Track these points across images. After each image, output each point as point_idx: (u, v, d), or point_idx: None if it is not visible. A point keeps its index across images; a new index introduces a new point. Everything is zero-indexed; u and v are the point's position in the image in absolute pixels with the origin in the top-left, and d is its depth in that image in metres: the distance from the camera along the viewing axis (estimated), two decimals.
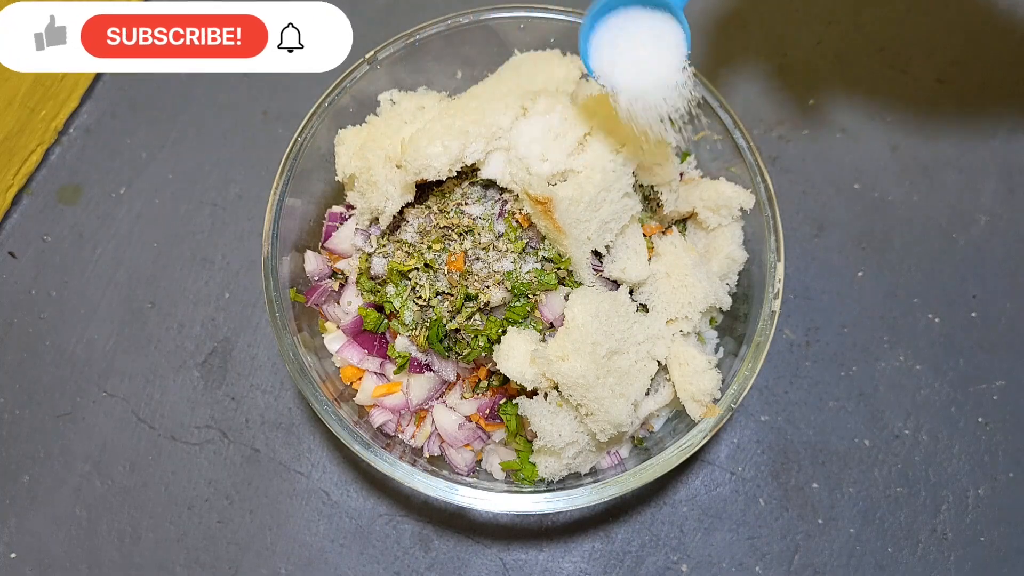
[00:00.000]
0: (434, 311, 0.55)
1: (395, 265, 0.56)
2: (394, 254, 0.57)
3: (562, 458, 0.55)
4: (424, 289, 0.56)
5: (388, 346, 0.57)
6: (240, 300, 0.74)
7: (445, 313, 0.55)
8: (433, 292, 0.55)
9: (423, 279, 0.56)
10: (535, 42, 0.66)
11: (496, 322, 0.54)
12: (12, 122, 0.73)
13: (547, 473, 0.55)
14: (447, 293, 0.55)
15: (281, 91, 0.81)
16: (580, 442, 0.54)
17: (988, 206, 0.76)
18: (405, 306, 0.56)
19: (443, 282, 0.55)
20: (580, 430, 0.54)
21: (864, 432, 0.69)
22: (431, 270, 0.56)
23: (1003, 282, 0.73)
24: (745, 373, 0.55)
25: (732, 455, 0.68)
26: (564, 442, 0.53)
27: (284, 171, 0.60)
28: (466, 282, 0.54)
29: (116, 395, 0.71)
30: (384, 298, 0.57)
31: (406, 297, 0.56)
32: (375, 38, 0.65)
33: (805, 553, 0.66)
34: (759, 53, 0.83)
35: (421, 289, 0.56)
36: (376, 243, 0.59)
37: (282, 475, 0.68)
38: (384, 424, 0.59)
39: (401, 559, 0.65)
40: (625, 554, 0.66)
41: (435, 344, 0.55)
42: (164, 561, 0.66)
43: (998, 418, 0.69)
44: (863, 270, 0.74)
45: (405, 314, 0.56)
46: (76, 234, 0.76)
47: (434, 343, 0.55)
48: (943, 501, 0.67)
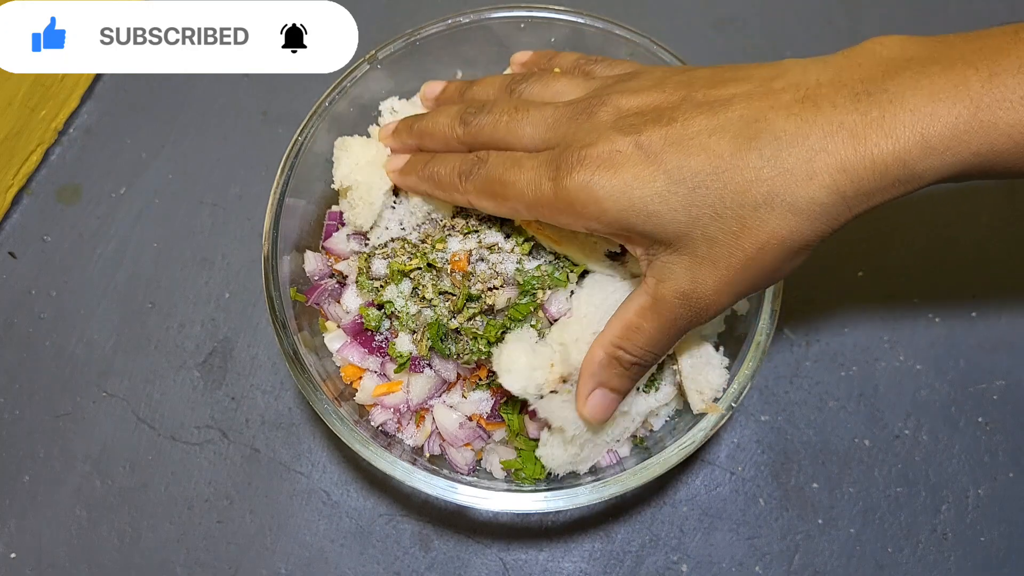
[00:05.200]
0: (435, 312, 0.55)
1: (396, 265, 0.56)
2: (396, 254, 0.57)
3: (574, 446, 0.54)
4: (426, 289, 0.55)
5: (389, 345, 0.57)
6: (240, 300, 0.74)
7: (446, 312, 0.55)
8: (436, 292, 0.55)
9: (426, 279, 0.56)
10: (536, 42, 0.66)
11: (496, 324, 0.54)
12: (12, 122, 0.73)
13: (556, 465, 0.55)
14: (450, 293, 0.55)
15: (281, 91, 0.81)
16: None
17: (988, 206, 0.76)
18: (407, 307, 0.56)
19: (446, 282, 0.55)
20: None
21: (864, 432, 0.69)
22: (433, 270, 0.56)
23: (1003, 282, 0.74)
24: (745, 372, 0.55)
25: (732, 455, 0.68)
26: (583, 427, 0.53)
27: (284, 171, 0.60)
28: (469, 283, 0.54)
29: (116, 395, 0.71)
30: (383, 298, 0.57)
31: (408, 297, 0.56)
32: (375, 38, 0.65)
33: (805, 553, 0.66)
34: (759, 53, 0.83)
35: (423, 290, 0.56)
36: (374, 247, 0.59)
37: (282, 475, 0.68)
38: (384, 423, 0.59)
39: (401, 559, 0.65)
40: (625, 554, 0.66)
41: (436, 343, 0.55)
42: (164, 561, 0.66)
43: (998, 418, 0.69)
44: (863, 270, 0.74)
45: (406, 314, 0.56)
46: (76, 234, 0.76)
47: (435, 342, 0.55)
48: (943, 501, 0.67)
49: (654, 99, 0.45)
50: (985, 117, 0.37)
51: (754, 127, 0.40)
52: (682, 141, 0.41)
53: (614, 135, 0.43)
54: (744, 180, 0.39)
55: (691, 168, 0.41)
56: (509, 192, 0.48)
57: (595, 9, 0.64)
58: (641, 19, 0.82)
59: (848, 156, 0.38)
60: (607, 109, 0.46)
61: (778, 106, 0.40)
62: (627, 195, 0.42)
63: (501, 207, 0.50)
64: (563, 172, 0.44)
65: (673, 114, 0.43)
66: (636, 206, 0.42)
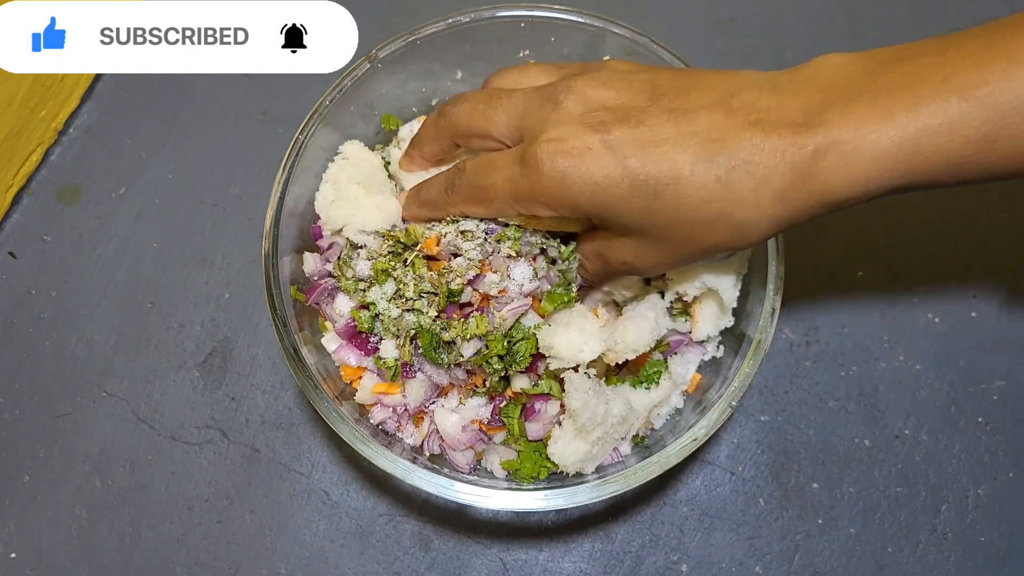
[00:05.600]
0: (416, 317, 0.55)
1: (380, 265, 0.56)
2: (378, 253, 0.57)
3: (586, 442, 0.54)
4: (407, 288, 0.55)
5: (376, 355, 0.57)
6: (240, 300, 0.74)
7: (429, 311, 0.54)
8: (417, 292, 0.55)
9: (408, 277, 0.55)
10: (536, 42, 0.66)
11: (498, 338, 0.54)
12: (12, 122, 0.73)
13: (567, 463, 0.55)
14: (432, 293, 0.55)
15: (281, 91, 0.81)
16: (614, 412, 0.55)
17: (988, 206, 0.76)
18: (389, 309, 0.56)
19: (428, 284, 0.55)
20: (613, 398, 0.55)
21: (864, 432, 0.69)
22: (413, 269, 0.55)
23: (1003, 282, 0.74)
24: (746, 371, 0.55)
25: (732, 455, 0.68)
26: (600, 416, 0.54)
27: (284, 171, 0.60)
28: (447, 279, 0.54)
29: (116, 395, 0.71)
30: (367, 299, 0.56)
31: (390, 299, 0.56)
32: (375, 38, 0.65)
33: (805, 553, 0.66)
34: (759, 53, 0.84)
35: (404, 288, 0.55)
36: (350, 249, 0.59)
37: (282, 475, 0.68)
38: (384, 422, 0.59)
39: (401, 559, 0.65)
40: (625, 554, 0.66)
41: (428, 352, 0.54)
42: (164, 561, 0.66)
43: (998, 418, 0.69)
44: (863, 270, 0.74)
45: (388, 318, 0.56)
46: (76, 234, 0.76)
47: (428, 351, 0.54)
48: (943, 501, 0.67)
49: (621, 97, 0.48)
50: (908, 147, 0.40)
51: (713, 146, 0.43)
52: (649, 147, 0.44)
53: (582, 130, 0.46)
54: (699, 197, 0.44)
55: (654, 176, 0.44)
56: (491, 194, 0.51)
57: (595, 9, 0.64)
58: (641, 19, 0.82)
59: (786, 190, 0.43)
60: (574, 98, 0.48)
61: (733, 127, 0.44)
62: (596, 194, 0.46)
63: (489, 209, 0.53)
64: (535, 167, 0.47)
65: (641, 116, 0.46)
66: (605, 204, 0.46)
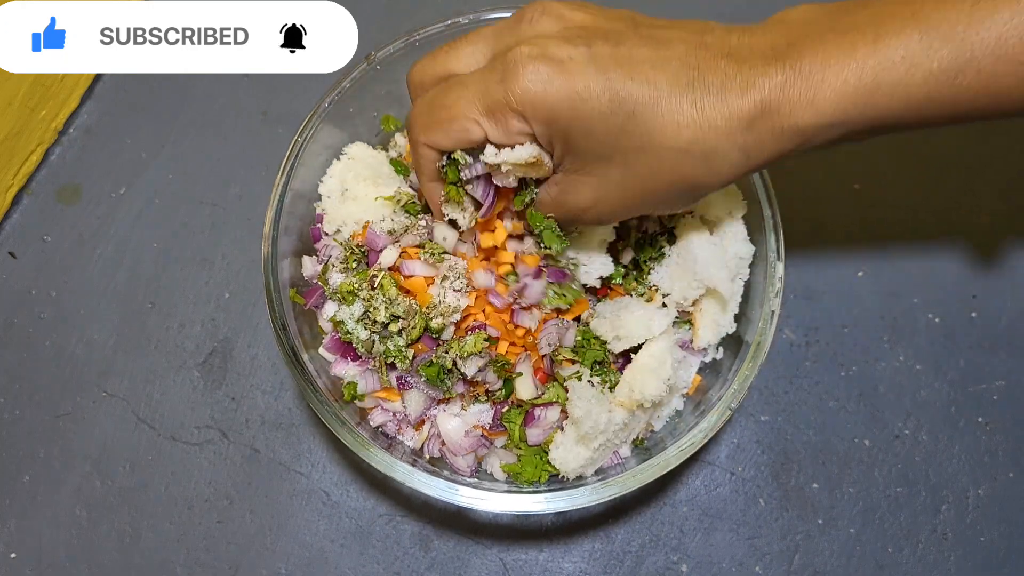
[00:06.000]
0: (385, 345, 0.53)
1: (345, 287, 0.54)
2: (350, 269, 0.56)
3: (587, 448, 0.54)
4: (378, 312, 0.53)
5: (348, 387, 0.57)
6: (240, 300, 0.74)
7: (398, 340, 0.53)
8: (388, 315, 0.52)
9: (378, 300, 0.53)
10: None
11: (501, 363, 0.54)
12: (12, 122, 0.73)
13: (568, 468, 0.55)
14: (403, 318, 0.53)
15: (281, 91, 0.81)
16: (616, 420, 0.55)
17: (988, 206, 0.76)
18: (357, 331, 0.54)
19: (400, 306, 0.53)
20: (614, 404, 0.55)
21: (864, 432, 0.69)
22: (382, 289, 0.53)
23: (1003, 282, 0.73)
24: (745, 372, 0.55)
25: (732, 455, 0.68)
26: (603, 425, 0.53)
27: (284, 171, 0.59)
28: (429, 314, 0.52)
29: (116, 395, 0.71)
30: (336, 318, 0.55)
31: (358, 320, 0.54)
32: (375, 38, 0.65)
33: (805, 553, 0.66)
34: None
35: (375, 312, 0.53)
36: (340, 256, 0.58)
37: (282, 475, 0.68)
38: (384, 424, 0.59)
39: (401, 559, 0.65)
40: (625, 554, 0.66)
41: (433, 381, 0.53)
42: (164, 561, 0.66)
43: (998, 418, 0.69)
44: (863, 270, 0.74)
45: (357, 339, 0.54)
46: (76, 234, 0.76)
47: (434, 381, 0.53)
48: (943, 501, 0.67)
49: (599, 21, 0.46)
50: (868, 81, 0.40)
51: (690, 73, 0.43)
52: (629, 64, 0.43)
53: (562, 42, 0.43)
54: (674, 122, 0.42)
55: (634, 95, 0.43)
56: (456, 111, 0.45)
57: None
58: None
59: (755, 119, 0.42)
60: (550, 17, 0.46)
61: (709, 57, 0.43)
62: (576, 105, 0.43)
63: (449, 132, 0.46)
64: (512, 70, 0.43)
65: (620, 38, 0.44)
66: (582, 117, 0.43)
